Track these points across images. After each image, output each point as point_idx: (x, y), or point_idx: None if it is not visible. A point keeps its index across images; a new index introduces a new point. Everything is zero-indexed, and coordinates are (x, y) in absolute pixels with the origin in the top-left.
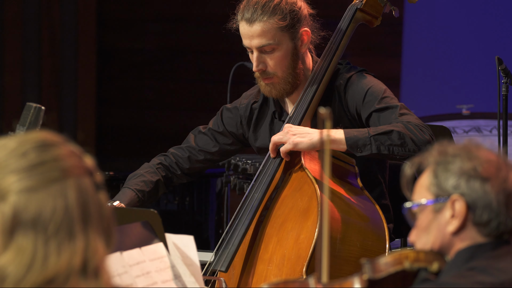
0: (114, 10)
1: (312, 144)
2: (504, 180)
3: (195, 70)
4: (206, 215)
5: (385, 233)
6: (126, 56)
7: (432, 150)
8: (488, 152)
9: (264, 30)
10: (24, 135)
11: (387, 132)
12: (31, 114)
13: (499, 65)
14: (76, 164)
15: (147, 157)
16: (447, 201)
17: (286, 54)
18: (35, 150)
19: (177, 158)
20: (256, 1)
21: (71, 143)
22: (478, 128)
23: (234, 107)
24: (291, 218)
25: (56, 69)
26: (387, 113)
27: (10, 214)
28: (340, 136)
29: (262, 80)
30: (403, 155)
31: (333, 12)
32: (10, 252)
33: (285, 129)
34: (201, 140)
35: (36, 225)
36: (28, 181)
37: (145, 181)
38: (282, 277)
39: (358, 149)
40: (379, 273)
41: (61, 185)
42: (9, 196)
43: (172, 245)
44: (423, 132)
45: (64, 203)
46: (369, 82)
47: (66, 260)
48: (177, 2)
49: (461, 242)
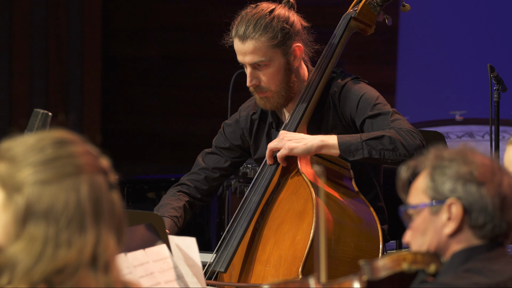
0: (118, 19)
1: (307, 148)
2: (499, 184)
3: (197, 77)
4: (208, 217)
5: (379, 234)
6: (130, 64)
7: (428, 154)
8: (483, 156)
9: (256, 48)
10: (43, 132)
11: (378, 137)
12: (38, 119)
13: (491, 72)
14: (90, 162)
15: (151, 161)
16: (444, 204)
17: (279, 69)
18: (52, 146)
19: (194, 183)
20: (248, 18)
21: (88, 143)
22: (471, 134)
23: (235, 121)
24: (287, 220)
25: (62, 76)
26: (379, 119)
27: (24, 204)
28: (333, 142)
29: (256, 94)
30: (394, 159)
31: (331, 22)
32: (21, 241)
33: (281, 135)
34: (211, 160)
35: (48, 217)
36: (42, 174)
37: (175, 207)
38: (279, 277)
39: (351, 154)
40: (378, 274)
41: (74, 180)
42: (24, 188)
43: (175, 247)
44: (414, 138)
45: (76, 197)
46: (362, 89)
47: (76, 252)
48: (179, 12)
49: (457, 244)
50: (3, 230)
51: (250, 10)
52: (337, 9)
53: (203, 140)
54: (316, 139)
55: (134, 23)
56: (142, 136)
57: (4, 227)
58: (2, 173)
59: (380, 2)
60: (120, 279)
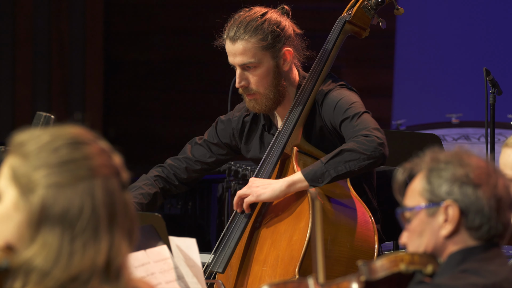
0: (120, 23)
1: (274, 192)
2: (495, 186)
3: (198, 80)
4: (208, 219)
5: (374, 234)
6: (131, 67)
7: (424, 157)
8: (478, 159)
9: (245, 49)
10: (58, 129)
11: (337, 154)
12: (41, 122)
13: (486, 76)
14: (104, 163)
15: (152, 163)
16: (440, 206)
17: (268, 72)
18: (66, 146)
19: (174, 169)
20: (240, 20)
21: (102, 141)
22: (467, 136)
23: (228, 119)
24: (284, 221)
25: (65, 79)
26: (348, 123)
27: (38, 206)
28: (298, 177)
29: (245, 95)
30: (360, 166)
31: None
32: (36, 245)
33: (250, 182)
34: (198, 151)
35: (63, 222)
36: (57, 177)
37: (143, 193)
38: (276, 277)
39: (319, 180)
40: (376, 275)
41: (88, 184)
42: (37, 189)
43: (176, 248)
44: (369, 137)
45: (91, 203)
46: (340, 95)
47: (90, 259)
48: (180, 16)
49: (454, 246)
50: (16, 230)
51: (243, 13)
52: (334, 14)
53: None
54: (282, 181)
55: (136, 27)
56: (144, 138)
57: (18, 228)
58: (16, 169)
59: (374, 5)
60: (131, 281)
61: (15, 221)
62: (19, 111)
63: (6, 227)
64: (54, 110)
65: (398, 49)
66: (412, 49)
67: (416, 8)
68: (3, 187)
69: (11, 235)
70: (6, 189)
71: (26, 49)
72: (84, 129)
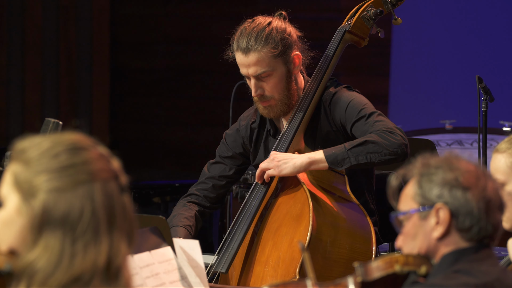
0: (126, 33)
1: (295, 167)
2: (484, 189)
3: (200, 88)
4: (210, 221)
5: (372, 236)
6: (137, 75)
7: (415, 162)
8: (467, 163)
9: (259, 59)
10: (58, 136)
11: (361, 143)
12: (49, 128)
13: (479, 83)
14: (103, 167)
15: (156, 168)
16: (431, 209)
17: (281, 78)
18: (66, 152)
19: (202, 192)
20: (248, 32)
21: (100, 146)
22: (460, 142)
23: (235, 130)
24: (285, 223)
25: (72, 87)
26: (364, 123)
27: (40, 211)
28: (320, 156)
29: (260, 103)
30: (380, 160)
31: (327, 35)
32: (39, 248)
33: (271, 156)
34: (216, 169)
35: (64, 225)
36: (57, 182)
37: (187, 217)
38: (277, 277)
39: (339, 164)
40: (371, 276)
41: (88, 187)
42: (39, 194)
43: (179, 249)
44: (395, 135)
45: (91, 206)
46: (351, 96)
47: (91, 260)
48: (184, 26)
49: (446, 247)
50: (19, 234)
51: (248, 24)
52: (333, 24)
53: (206, 148)
54: (303, 157)
55: (141, 36)
56: (148, 144)
57: (20, 232)
58: (18, 175)
59: (373, 16)
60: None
61: (18, 226)
62: (28, 118)
63: (9, 231)
64: (62, 116)
65: (393, 58)
66: (407, 58)
67: (411, 18)
68: (5, 193)
69: (14, 239)
70: (8, 195)
71: (36, 58)
72: (83, 135)
